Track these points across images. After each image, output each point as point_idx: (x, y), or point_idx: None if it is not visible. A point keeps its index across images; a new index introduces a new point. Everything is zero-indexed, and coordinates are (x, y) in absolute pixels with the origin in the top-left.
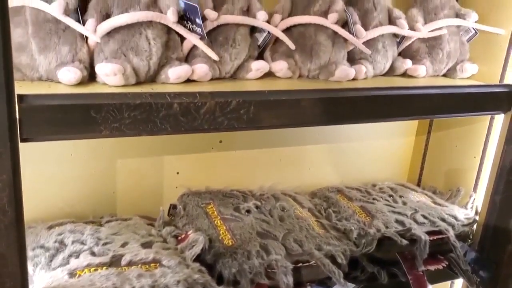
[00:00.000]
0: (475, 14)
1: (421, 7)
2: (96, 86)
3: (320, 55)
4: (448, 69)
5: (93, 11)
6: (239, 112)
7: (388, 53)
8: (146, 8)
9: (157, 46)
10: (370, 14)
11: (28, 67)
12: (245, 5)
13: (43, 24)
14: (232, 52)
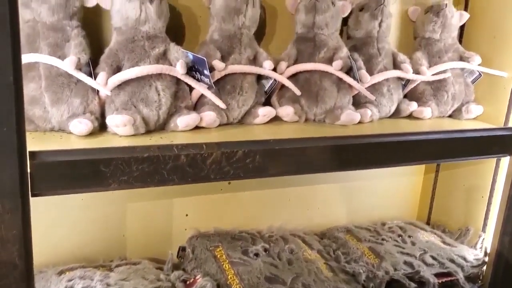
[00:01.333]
0: (478, 57)
1: (425, 51)
2: (106, 137)
3: (325, 100)
4: (454, 110)
5: (104, 64)
6: (245, 162)
7: (394, 96)
8: (156, 61)
9: (166, 96)
10: (374, 59)
11: (41, 119)
12: (251, 54)
13: (55, 78)
14: (239, 99)
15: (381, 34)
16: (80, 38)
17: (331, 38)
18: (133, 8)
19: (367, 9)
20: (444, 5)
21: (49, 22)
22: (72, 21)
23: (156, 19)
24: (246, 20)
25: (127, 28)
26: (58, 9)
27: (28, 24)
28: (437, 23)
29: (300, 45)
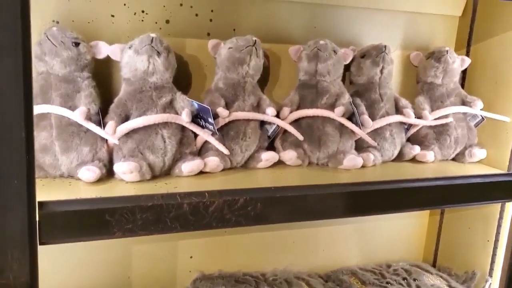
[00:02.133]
0: (480, 102)
1: (427, 95)
2: (113, 182)
3: (328, 145)
4: (457, 154)
5: (113, 114)
6: (247, 209)
7: (396, 140)
8: (163, 110)
9: (172, 143)
10: (377, 104)
11: (51, 166)
12: (255, 101)
13: (66, 128)
14: (242, 144)
15: (383, 80)
16: (90, 89)
17: (333, 85)
18: (142, 61)
19: (369, 56)
20: (446, 51)
21: (61, 74)
22: (83, 73)
23: (164, 71)
24: (250, 70)
25: (135, 79)
26: (70, 62)
27: (42, 76)
28: (439, 69)
29: (303, 91)
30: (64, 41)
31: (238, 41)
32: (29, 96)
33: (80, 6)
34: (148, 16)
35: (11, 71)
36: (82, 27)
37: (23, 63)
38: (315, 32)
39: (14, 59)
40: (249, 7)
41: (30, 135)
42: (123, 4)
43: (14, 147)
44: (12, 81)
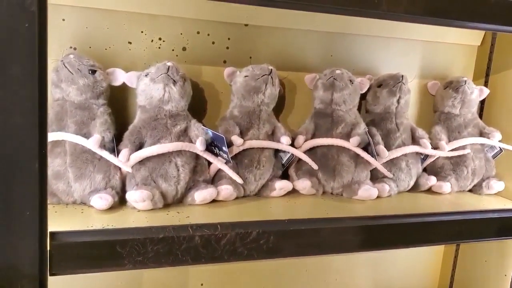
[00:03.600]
0: (498, 133)
1: (444, 125)
2: (125, 210)
3: (343, 174)
4: (474, 185)
5: (127, 141)
6: (259, 242)
7: (412, 171)
8: (177, 138)
9: (185, 172)
10: (393, 134)
11: (64, 193)
12: (270, 129)
13: (80, 155)
14: (256, 173)
15: (400, 110)
16: (106, 116)
17: (349, 114)
18: (158, 89)
19: (386, 86)
20: (464, 82)
21: (77, 101)
22: (98, 100)
23: (179, 99)
24: (265, 98)
25: (151, 106)
26: (86, 90)
27: (57, 103)
28: (457, 99)
29: (318, 120)
30: (80, 69)
31: (254, 70)
32: (44, 131)
33: (98, 33)
34: (165, 43)
35: (26, 104)
36: (99, 54)
37: (39, 97)
38: (331, 60)
39: (31, 93)
40: (265, 35)
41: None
42: (140, 31)
43: (28, 179)
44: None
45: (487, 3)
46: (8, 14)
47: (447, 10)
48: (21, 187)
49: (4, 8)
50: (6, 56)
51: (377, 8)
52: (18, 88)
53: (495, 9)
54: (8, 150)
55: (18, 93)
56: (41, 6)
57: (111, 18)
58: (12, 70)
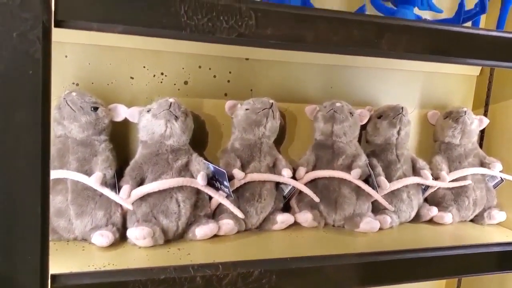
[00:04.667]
0: (499, 164)
1: (445, 155)
2: (126, 247)
3: (344, 207)
4: (476, 215)
5: (128, 177)
6: (261, 282)
7: (413, 202)
8: (178, 173)
9: (186, 207)
10: (393, 165)
11: (65, 230)
12: (271, 161)
13: (82, 192)
14: (258, 206)
15: (400, 141)
16: (107, 152)
17: (350, 146)
18: (159, 125)
19: (386, 117)
20: (463, 112)
21: (79, 138)
22: (100, 136)
23: (181, 134)
24: (266, 131)
25: (152, 142)
26: (88, 127)
27: (59, 140)
28: (457, 129)
29: (319, 151)
30: (83, 106)
31: (255, 103)
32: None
33: (100, 69)
34: (167, 78)
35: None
36: (102, 89)
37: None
38: (331, 92)
39: (34, 138)
40: (266, 68)
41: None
42: (142, 66)
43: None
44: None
45: (485, 40)
46: (13, 61)
47: (446, 48)
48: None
49: (10, 55)
50: (11, 101)
51: (377, 47)
52: (22, 133)
53: (493, 46)
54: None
55: (21, 138)
56: (45, 53)
57: (113, 54)
58: (16, 115)
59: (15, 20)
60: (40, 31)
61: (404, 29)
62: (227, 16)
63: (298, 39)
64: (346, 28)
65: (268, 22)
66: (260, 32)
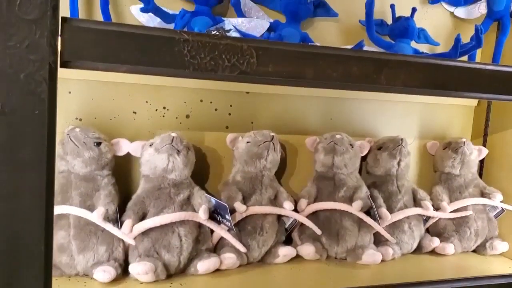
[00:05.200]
0: (500, 194)
1: (445, 185)
2: (128, 282)
3: (346, 239)
4: (478, 246)
5: (130, 212)
6: None
7: (415, 233)
8: (180, 207)
9: (188, 242)
10: (394, 196)
11: (67, 266)
12: (272, 194)
13: (84, 227)
14: (260, 239)
15: (400, 172)
16: (110, 187)
17: (351, 177)
18: (162, 159)
19: (385, 148)
20: (462, 143)
21: (82, 173)
22: (103, 171)
23: (183, 168)
24: (267, 163)
25: (154, 176)
26: (91, 162)
27: (62, 175)
28: (456, 160)
29: (320, 183)
30: (86, 142)
31: (256, 136)
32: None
33: (103, 104)
34: (169, 112)
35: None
36: (104, 124)
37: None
38: (331, 123)
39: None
40: (266, 101)
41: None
42: (145, 101)
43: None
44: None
45: (481, 73)
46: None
47: (443, 82)
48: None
49: (17, 96)
50: (17, 140)
51: (376, 83)
52: (27, 171)
53: (489, 79)
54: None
55: (26, 176)
56: (51, 93)
57: (116, 89)
58: (22, 153)
59: (22, 62)
60: (47, 72)
61: (402, 64)
62: (229, 54)
63: (299, 76)
64: (345, 64)
65: (269, 60)
66: (261, 70)
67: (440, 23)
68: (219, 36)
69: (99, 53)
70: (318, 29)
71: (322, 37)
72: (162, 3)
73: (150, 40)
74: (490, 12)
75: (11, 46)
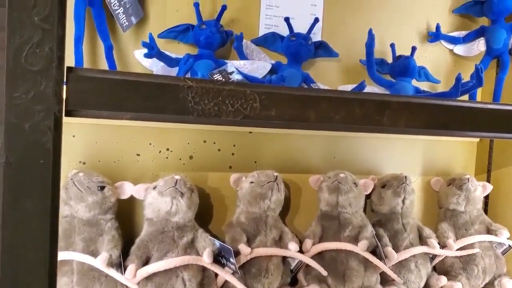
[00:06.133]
0: (506, 231)
1: (451, 222)
2: None
3: (352, 279)
4: (486, 284)
5: (134, 256)
6: None
7: (422, 272)
8: (184, 250)
9: (192, 286)
10: (400, 235)
11: None
12: (277, 234)
13: (87, 273)
14: (265, 282)
15: (405, 210)
16: (113, 231)
17: (355, 216)
18: (165, 202)
19: (390, 186)
20: (467, 179)
21: (85, 218)
22: (106, 215)
23: (187, 210)
24: (271, 204)
25: (158, 219)
26: (94, 207)
27: (66, 220)
28: (461, 196)
29: (325, 222)
30: (90, 186)
31: (259, 176)
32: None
33: (107, 147)
34: (173, 153)
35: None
36: (108, 167)
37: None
38: (334, 161)
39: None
40: (269, 140)
41: None
42: (148, 143)
43: None
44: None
45: (484, 113)
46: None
47: (445, 122)
48: None
49: (22, 146)
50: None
51: (378, 124)
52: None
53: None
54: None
55: (30, 225)
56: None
57: (120, 132)
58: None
59: (28, 112)
60: (52, 121)
61: (404, 106)
62: (232, 100)
63: (302, 119)
64: (347, 106)
65: (272, 104)
66: (264, 114)
67: (440, 60)
68: (222, 82)
69: (104, 101)
70: (319, 69)
71: (323, 77)
72: (166, 47)
73: (154, 87)
74: (489, 49)
75: (17, 97)
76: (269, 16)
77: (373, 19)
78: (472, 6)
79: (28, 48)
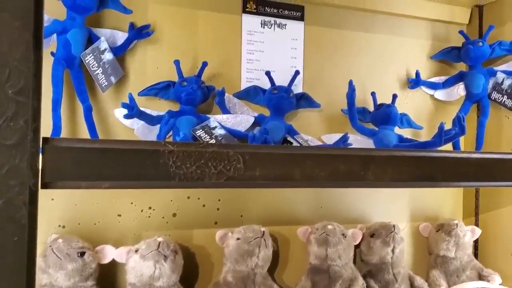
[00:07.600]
0: (498, 277)
1: (442, 269)
2: None
3: None
4: None
5: None
6: None
7: None
8: None
9: None
10: (391, 285)
11: None
12: None
13: None
14: None
15: (395, 260)
16: None
17: (345, 269)
18: (148, 266)
19: (378, 236)
20: (455, 225)
21: (65, 286)
22: (87, 282)
23: (170, 274)
24: (259, 261)
25: (141, 284)
26: (74, 274)
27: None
28: (450, 242)
29: (315, 276)
30: (69, 253)
31: (246, 232)
32: None
33: (87, 209)
34: (155, 211)
35: None
36: (88, 230)
37: None
38: (321, 212)
39: None
40: (255, 193)
41: None
42: (130, 202)
43: None
44: None
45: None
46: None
47: (431, 174)
48: None
49: None
50: None
51: (363, 179)
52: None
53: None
54: None
55: None
56: (31, 218)
57: (100, 193)
58: None
59: (1, 188)
60: (27, 196)
61: (388, 159)
62: (215, 162)
63: (286, 177)
64: (331, 163)
65: (256, 164)
66: (249, 174)
67: (422, 106)
68: (204, 145)
69: (81, 171)
70: (302, 119)
71: (306, 127)
72: (147, 104)
73: (134, 154)
74: (469, 94)
75: None
76: (250, 69)
77: (353, 68)
78: (449, 52)
79: (2, 122)
